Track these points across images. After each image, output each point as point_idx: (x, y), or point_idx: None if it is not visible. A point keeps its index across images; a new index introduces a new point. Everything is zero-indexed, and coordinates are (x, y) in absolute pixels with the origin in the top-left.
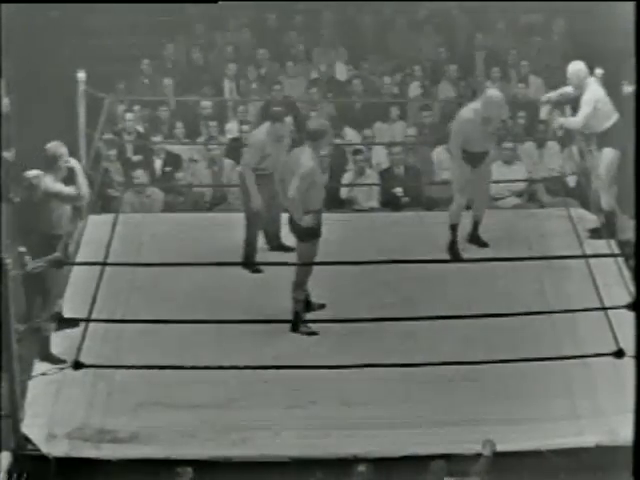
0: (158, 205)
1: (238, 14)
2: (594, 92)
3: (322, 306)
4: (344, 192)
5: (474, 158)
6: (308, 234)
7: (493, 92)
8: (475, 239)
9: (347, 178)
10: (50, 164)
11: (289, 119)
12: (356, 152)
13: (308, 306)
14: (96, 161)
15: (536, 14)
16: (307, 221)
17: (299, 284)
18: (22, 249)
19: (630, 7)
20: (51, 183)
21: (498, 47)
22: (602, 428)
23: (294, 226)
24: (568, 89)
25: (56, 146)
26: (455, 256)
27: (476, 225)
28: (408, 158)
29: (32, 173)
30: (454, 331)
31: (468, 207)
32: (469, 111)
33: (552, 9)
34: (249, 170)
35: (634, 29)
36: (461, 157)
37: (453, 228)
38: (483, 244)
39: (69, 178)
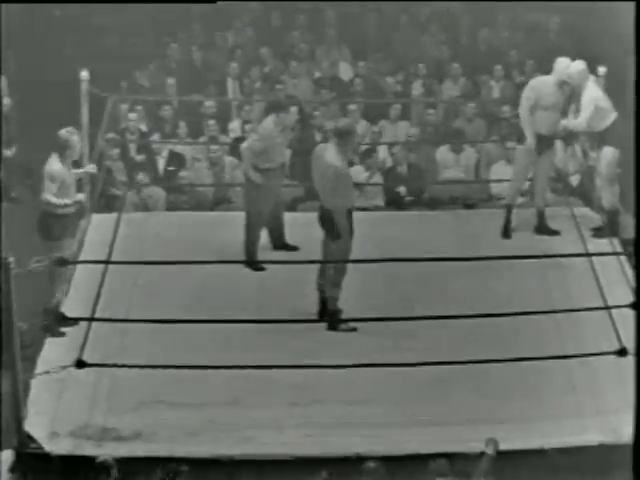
0: (161, 204)
1: (242, 13)
2: (593, 92)
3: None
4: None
5: (541, 141)
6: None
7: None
8: (543, 229)
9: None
10: (62, 149)
11: (294, 108)
12: (367, 153)
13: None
14: (99, 160)
15: (539, 13)
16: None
17: (336, 283)
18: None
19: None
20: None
21: (501, 46)
22: (605, 427)
23: (329, 225)
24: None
25: (68, 133)
26: (506, 237)
27: (540, 215)
28: (411, 157)
29: None
30: (456, 330)
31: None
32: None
33: (555, 8)
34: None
35: (634, 29)
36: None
37: (507, 209)
38: (553, 232)
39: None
